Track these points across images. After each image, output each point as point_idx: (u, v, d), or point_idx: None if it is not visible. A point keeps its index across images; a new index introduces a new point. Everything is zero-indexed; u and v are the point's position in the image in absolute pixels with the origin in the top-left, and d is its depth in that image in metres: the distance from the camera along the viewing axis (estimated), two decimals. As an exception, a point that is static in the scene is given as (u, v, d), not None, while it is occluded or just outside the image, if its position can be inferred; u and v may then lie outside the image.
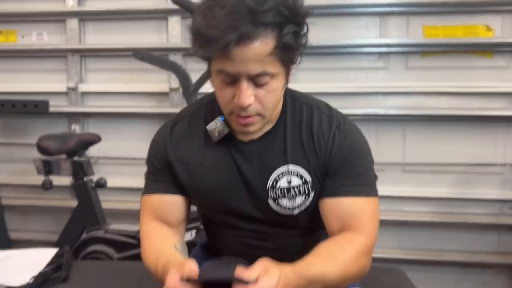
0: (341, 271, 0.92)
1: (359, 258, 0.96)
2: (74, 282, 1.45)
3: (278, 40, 0.85)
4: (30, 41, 2.81)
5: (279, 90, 0.94)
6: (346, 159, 1.00)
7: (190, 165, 1.05)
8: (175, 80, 2.57)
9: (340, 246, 0.96)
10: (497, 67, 2.40)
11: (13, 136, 2.87)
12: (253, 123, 0.94)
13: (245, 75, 0.87)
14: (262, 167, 1.01)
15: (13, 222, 2.80)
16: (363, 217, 0.99)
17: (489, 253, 2.47)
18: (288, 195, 1.00)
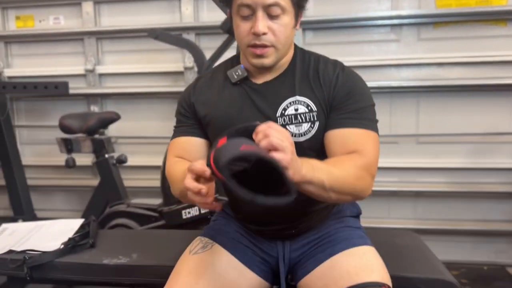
0: (343, 172, 1.00)
1: (360, 170, 1.03)
2: (100, 248, 1.54)
3: None
4: (47, 26, 2.88)
5: (289, 27, 1.08)
6: (349, 94, 1.10)
7: (209, 102, 1.17)
8: (189, 59, 2.61)
9: (344, 159, 1.05)
10: (510, 35, 2.38)
11: (35, 119, 2.97)
12: (268, 54, 1.07)
13: (261, 4, 1.02)
14: (273, 99, 1.12)
15: (38, 202, 2.91)
16: (365, 143, 1.08)
17: (503, 221, 2.49)
18: (295, 121, 1.10)
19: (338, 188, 1.00)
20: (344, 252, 1.12)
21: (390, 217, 2.60)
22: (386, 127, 2.54)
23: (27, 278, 1.42)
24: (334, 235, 1.18)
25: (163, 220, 2.10)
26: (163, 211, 2.09)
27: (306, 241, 1.19)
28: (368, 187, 1.07)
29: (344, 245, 1.13)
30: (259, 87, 1.14)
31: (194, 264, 1.13)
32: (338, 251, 1.12)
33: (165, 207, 2.10)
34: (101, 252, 1.50)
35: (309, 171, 0.93)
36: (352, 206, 1.31)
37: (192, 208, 2.02)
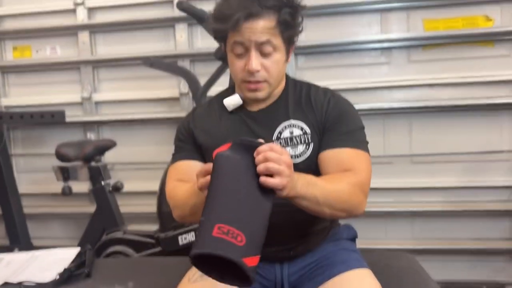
0: (335, 187, 1.05)
1: (353, 187, 1.08)
2: (97, 278, 1.54)
3: (278, 18, 1.09)
4: (44, 55, 2.93)
5: (281, 63, 1.15)
6: (340, 117, 1.17)
7: (208, 130, 1.23)
8: (184, 86, 2.65)
9: (338, 176, 1.10)
10: (498, 56, 2.44)
11: (31, 147, 2.99)
12: (261, 89, 1.15)
13: (254, 42, 1.09)
14: (268, 124, 1.19)
15: (34, 230, 2.90)
16: (358, 162, 1.14)
17: (501, 239, 2.49)
18: (291, 143, 1.17)
19: (331, 203, 1.03)
20: (341, 275, 1.13)
21: (387, 238, 2.60)
22: (380, 148, 2.56)
23: (23, 310, 1.41)
24: (331, 258, 1.19)
25: (160, 246, 2.09)
26: (159, 237, 2.09)
27: (304, 264, 1.21)
28: (361, 204, 1.10)
29: (341, 268, 1.15)
30: (254, 114, 1.21)
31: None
32: (335, 274, 1.14)
33: (161, 233, 2.10)
34: (97, 281, 1.50)
35: (303, 186, 0.97)
36: (348, 229, 1.33)
37: (188, 233, 2.03)
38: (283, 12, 1.09)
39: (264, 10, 1.08)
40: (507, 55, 2.43)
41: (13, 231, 2.62)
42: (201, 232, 0.87)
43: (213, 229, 0.85)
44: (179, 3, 1.92)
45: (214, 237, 0.84)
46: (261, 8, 1.07)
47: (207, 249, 0.84)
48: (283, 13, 1.09)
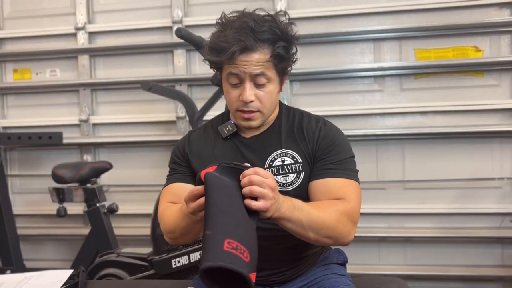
0: (322, 214, 1.07)
1: (341, 215, 1.09)
2: (90, 300, 1.54)
3: (272, 51, 1.13)
4: (44, 78, 2.98)
5: (274, 93, 1.19)
6: (330, 146, 1.20)
7: (202, 155, 1.25)
8: (181, 109, 2.70)
9: (327, 203, 1.13)
10: (488, 85, 2.50)
11: (28, 168, 3.00)
12: (255, 118, 1.18)
13: (248, 74, 1.13)
14: (261, 152, 1.22)
15: (28, 252, 2.89)
16: (348, 191, 1.15)
17: (493, 266, 2.50)
18: (282, 172, 1.19)
19: (317, 229, 1.05)
20: (331, 300, 1.14)
21: (380, 264, 2.61)
22: (373, 174, 2.60)
23: (14, 332, 1.41)
24: (320, 283, 1.21)
25: (153, 269, 2.09)
26: (153, 260, 2.09)
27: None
28: (349, 233, 1.12)
29: (331, 293, 1.16)
30: (248, 141, 1.23)
31: None
32: (326, 298, 1.15)
33: (155, 256, 2.11)
34: (90, 303, 1.50)
35: (288, 209, 1.00)
36: (338, 254, 1.35)
37: (182, 257, 2.03)
38: (277, 45, 1.13)
39: (259, 44, 1.11)
40: (496, 85, 2.50)
41: (6, 252, 2.60)
42: (210, 246, 0.88)
43: (224, 244, 0.87)
44: (177, 30, 1.98)
45: (225, 252, 0.86)
46: (256, 42, 1.10)
47: (221, 262, 0.85)
48: (277, 47, 1.13)
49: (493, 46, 2.50)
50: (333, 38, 2.63)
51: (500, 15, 2.49)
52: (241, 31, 1.10)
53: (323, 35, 2.62)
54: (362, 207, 2.63)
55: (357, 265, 2.53)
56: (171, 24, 2.76)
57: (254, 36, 1.10)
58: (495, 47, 2.50)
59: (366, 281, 1.53)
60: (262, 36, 1.11)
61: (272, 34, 1.12)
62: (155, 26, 2.81)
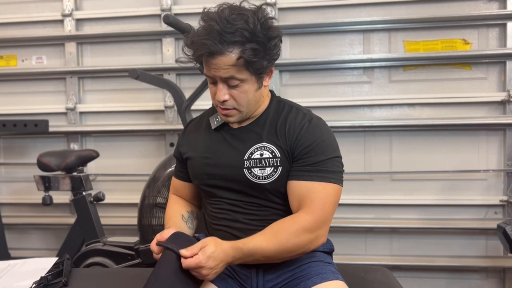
0: (277, 245, 1.12)
1: (299, 234, 1.13)
2: (73, 287, 1.52)
3: (240, 54, 1.11)
4: (30, 65, 2.93)
5: (251, 92, 1.19)
6: (309, 147, 1.19)
7: (192, 144, 1.34)
8: (169, 98, 2.68)
9: (283, 224, 1.15)
10: (475, 78, 2.53)
11: (13, 157, 2.96)
12: (232, 115, 1.22)
13: (219, 78, 1.16)
14: (243, 144, 1.25)
15: (13, 241, 2.87)
16: (314, 198, 1.15)
17: (477, 257, 2.54)
18: (259, 165, 1.20)
19: (279, 257, 1.15)
20: (316, 287, 1.15)
21: (366, 254, 2.63)
22: (361, 165, 2.61)
23: (-4, 319, 1.39)
24: (306, 269, 1.22)
25: (139, 258, 2.09)
26: (139, 249, 2.08)
27: (280, 273, 1.23)
28: (315, 243, 1.17)
29: (316, 280, 1.17)
30: (235, 132, 1.28)
31: None
32: (311, 285, 1.17)
33: (141, 245, 2.10)
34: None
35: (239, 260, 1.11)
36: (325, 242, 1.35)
37: (168, 246, 2.02)
38: (246, 48, 1.10)
39: (225, 47, 1.10)
40: (484, 78, 2.52)
41: (-9, 241, 2.58)
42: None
43: None
44: (165, 16, 1.95)
45: None
46: (222, 46, 1.10)
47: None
48: (245, 50, 1.10)
49: (481, 39, 2.52)
50: (323, 28, 2.62)
51: (488, 8, 2.50)
52: (208, 35, 1.11)
53: (313, 26, 2.61)
54: (350, 197, 2.67)
55: (343, 255, 2.56)
56: (160, 12, 2.73)
57: (221, 39, 1.10)
58: (483, 40, 2.52)
59: (352, 270, 1.55)
60: (229, 39, 1.10)
61: (240, 36, 1.10)
62: (143, 13, 2.78)
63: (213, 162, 1.26)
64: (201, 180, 1.29)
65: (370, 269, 1.60)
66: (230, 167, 1.23)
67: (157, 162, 2.58)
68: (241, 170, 1.21)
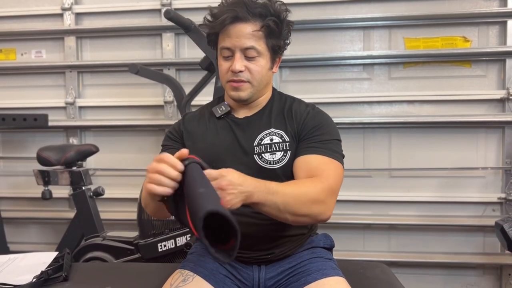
0: (297, 191, 1.09)
1: (318, 193, 1.11)
2: (74, 281, 1.53)
3: (263, 24, 1.19)
4: (29, 59, 2.92)
5: (265, 68, 1.24)
6: (316, 126, 1.24)
7: (196, 134, 1.31)
8: (169, 94, 2.68)
9: (303, 181, 1.15)
10: (475, 76, 2.53)
11: (12, 151, 2.96)
12: (244, 88, 1.24)
13: (239, 47, 1.20)
14: (251, 131, 1.27)
15: (12, 235, 2.87)
16: (326, 169, 1.16)
17: (474, 254, 2.55)
18: (270, 150, 1.23)
19: (292, 210, 1.07)
20: (316, 282, 1.16)
21: (365, 250, 2.64)
22: (359, 162, 2.62)
23: (-3, 312, 1.40)
24: (307, 265, 1.23)
25: (139, 253, 2.09)
26: (138, 244, 2.09)
27: (281, 269, 1.24)
28: (326, 210, 1.12)
29: (317, 276, 1.18)
30: (240, 121, 1.29)
31: None
32: (311, 281, 1.17)
33: (141, 240, 2.10)
34: (75, 285, 1.49)
35: (261, 195, 1.02)
36: (325, 238, 1.37)
37: (168, 241, 2.03)
38: (269, 19, 1.19)
39: (250, 16, 1.18)
40: (483, 75, 2.53)
41: (-10, 235, 2.58)
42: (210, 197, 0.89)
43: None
44: (166, 12, 1.95)
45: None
46: (247, 14, 1.18)
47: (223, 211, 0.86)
48: (269, 20, 1.19)
49: (481, 36, 2.53)
50: (323, 25, 2.62)
51: (489, 6, 2.50)
52: (236, 4, 1.19)
53: (313, 22, 2.61)
54: (349, 194, 2.68)
55: (342, 251, 2.57)
56: (160, 6, 2.72)
57: (247, 9, 1.18)
58: (483, 37, 2.53)
59: (351, 266, 1.56)
60: (255, 10, 1.19)
61: (264, 10, 1.20)
62: (143, 8, 2.77)
63: (221, 150, 1.25)
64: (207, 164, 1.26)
65: (369, 265, 1.61)
66: (240, 154, 1.24)
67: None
68: (252, 156, 1.23)
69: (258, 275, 1.24)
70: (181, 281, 1.20)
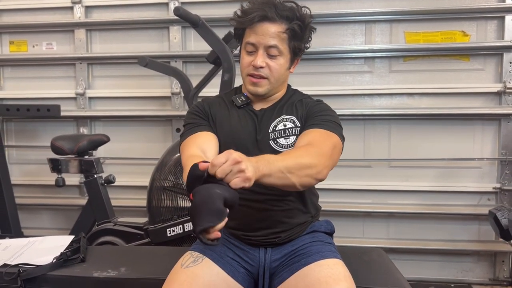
0: (294, 157, 1.16)
1: (313, 155, 1.19)
2: (91, 263, 1.64)
3: (288, 26, 1.29)
4: (40, 51, 3.01)
5: (284, 67, 1.34)
6: (320, 110, 1.37)
7: (219, 118, 1.40)
8: (176, 85, 2.77)
9: (297, 147, 1.26)
10: (473, 69, 2.61)
11: (24, 140, 3.07)
12: (262, 84, 1.34)
13: (263, 44, 1.30)
14: (266, 121, 1.38)
15: (25, 220, 2.98)
16: (322, 139, 1.26)
17: (470, 241, 2.65)
18: (284, 135, 1.35)
19: (295, 171, 1.13)
20: (316, 263, 1.26)
21: (364, 237, 2.74)
22: (360, 152, 2.71)
23: (20, 290, 1.51)
24: (308, 248, 1.32)
25: (149, 238, 2.20)
26: (148, 229, 2.19)
27: (284, 252, 1.34)
28: (323, 168, 1.20)
29: (316, 257, 1.28)
30: (257, 112, 1.40)
31: (185, 277, 1.24)
32: (311, 262, 1.26)
33: (150, 225, 2.21)
34: (91, 266, 1.60)
35: (265, 165, 1.08)
36: (326, 224, 1.46)
37: (176, 226, 2.14)
38: (294, 22, 1.29)
39: (278, 18, 1.28)
40: (481, 69, 2.60)
41: (5, 220, 2.69)
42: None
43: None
44: (175, 9, 2.03)
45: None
46: (276, 15, 1.28)
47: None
48: (294, 23, 1.29)
49: (480, 31, 2.60)
50: (326, 19, 2.69)
51: (488, 1, 2.57)
52: (266, 4, 1.29)
53: (317, 16, 2.60)
54: (349, 183, 2.76)
55: (342, 237, 2.67)
56: (168, 0, 2.80)
57: (276, 10, 1.28)
58: (481, 32, 2.59)
59: (350, 251, 1.66)
60: (282, 12, 1.28)
61: (291, 13, 1.30)
62: (151, 1, 2.85)
63: (242, 135, 1.35)
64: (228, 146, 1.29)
65: (366, 250, 1.71)
66: (257, 140, 1.34)
67: (164, 146, 2.69)
68: (267, 142, 1.33)
69: (264, 257, 1.34)
70: (191, 262, 1.30)
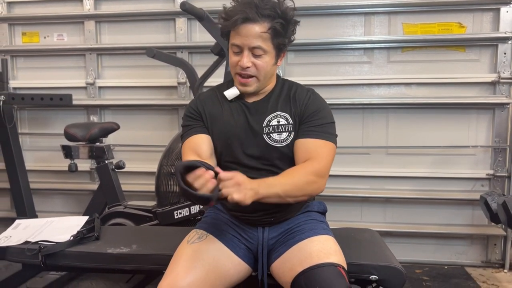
0: (294, 182, 1.31)
1: (311, 176, 1.34)
2: (104, 240, 1.79)
3: (270, 26, 1.33)
4: (51, 42, 3.13)
5: (270, 64, 1.39)
6: (315, 111, 1.43)
7: (212, 113, 1.48)
8: (182, 75, 2.88)
9: (296, 168, 1.37)
10: (469, 60, 2.70)
11: (37, 127, 3.20)
12: (250, 84, 1.40)
13: (247, 46, 1.35)
14: (260, 114, 1.45)
15: (39, 204, 3.11)
16: (320, 151, 1.37)
17: (463, 225, 2.77)
18: (277, 131, 1.42)
19: (292, 194, 1.31)
20: (309, 239, 1.39)
21: (362, 221, 2.86)
22: (359, 140, 2.82)
23: (41, 265, 1.65)
24: (302, 226, 1.45)
25: (157, 220, 2.33)
26: (157, 211, 2.33)
27: (281, 230, 1.46)
28: (318, 188, 1.36)
29: (310, 234, 1.40)
30: (250, 105, 1.46)
31: (192, 252, 1.37)
32: (304, 238, 1.39)
33: (158, 208, 2.34)
34: (105, 243, 1.74)
35: (265, 190, 1.24)
36: (319, 204, 1.58)
37: (183, 209, 2.27)
38: (276, 21, 1.33)
39: (259, 17, 1.32)
40: (477, 60, 2.69)
41: (20, 204, 2.84)
42: None
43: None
44: (182, 4, 2.13)
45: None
46: (257, 15, 1.32)
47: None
48: (276, 22, 1.33)
49: (476, 22, 2.68)
50: (326, 11, 2.78)
51: (483, -7, 2.65)
52: (247, 5, 1.33)
53: (317, 8, 2.77)
54: (348, 169, 2.88)
55: (340, 221, 2.79)
56: (174, -7, 2.90)
57: (257, 10, 1.32)
58: (477, 24, 2.68)
59: (345, 231, 1.79)
60: (264, 11, 1.32)
61: (272, 11, 1.33)
62: (158, -6, 2.95)
63: (235, 129, 1.42)
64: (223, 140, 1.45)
65: (359, 231, 1.84)
66: (251, 133, 1.42)
67: (170, 134, 2.81)
68: (261, 135, 1.41)
69: (262, 235, 1.46)
70: (197, 238, 1.43)
